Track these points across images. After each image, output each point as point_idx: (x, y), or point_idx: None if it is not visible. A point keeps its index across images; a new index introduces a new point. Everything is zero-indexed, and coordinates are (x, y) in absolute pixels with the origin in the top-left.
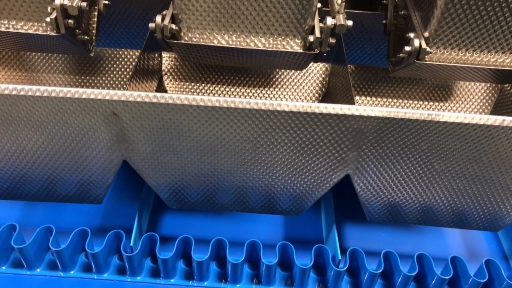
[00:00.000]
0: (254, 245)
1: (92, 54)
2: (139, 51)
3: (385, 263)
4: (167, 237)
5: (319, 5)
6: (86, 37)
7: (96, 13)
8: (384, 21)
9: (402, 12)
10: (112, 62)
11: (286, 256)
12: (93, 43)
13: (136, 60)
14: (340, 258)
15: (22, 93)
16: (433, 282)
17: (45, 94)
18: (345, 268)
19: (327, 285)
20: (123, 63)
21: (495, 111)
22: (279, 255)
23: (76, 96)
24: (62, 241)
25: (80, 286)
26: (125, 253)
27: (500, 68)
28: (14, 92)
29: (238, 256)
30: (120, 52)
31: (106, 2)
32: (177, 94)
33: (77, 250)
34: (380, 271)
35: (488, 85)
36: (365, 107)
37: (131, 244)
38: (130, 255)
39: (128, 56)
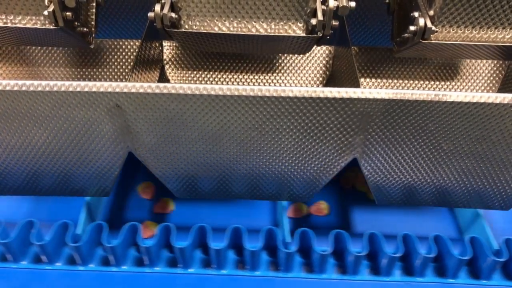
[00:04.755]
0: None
1: (92, 46)
2: (139, 41)
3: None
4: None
5: None
6: (85, 29)
7: (94, 4)
8: (387, 1)
9: None
10: (113, 53)
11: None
12: (93, 35)
13: (137, 50)
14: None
15: (23, 88)
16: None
17: (47, 89)
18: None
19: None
20: (124, 53)
21: (502, 88)
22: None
23: (78, 89)
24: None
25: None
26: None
27: (507, 44)
28: (15, 88)
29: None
30: (121, 43)
31: None
32: (180, 84)
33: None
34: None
35: (495, 62)
36: (371, 89)
37: None
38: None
39: (129, 47)
